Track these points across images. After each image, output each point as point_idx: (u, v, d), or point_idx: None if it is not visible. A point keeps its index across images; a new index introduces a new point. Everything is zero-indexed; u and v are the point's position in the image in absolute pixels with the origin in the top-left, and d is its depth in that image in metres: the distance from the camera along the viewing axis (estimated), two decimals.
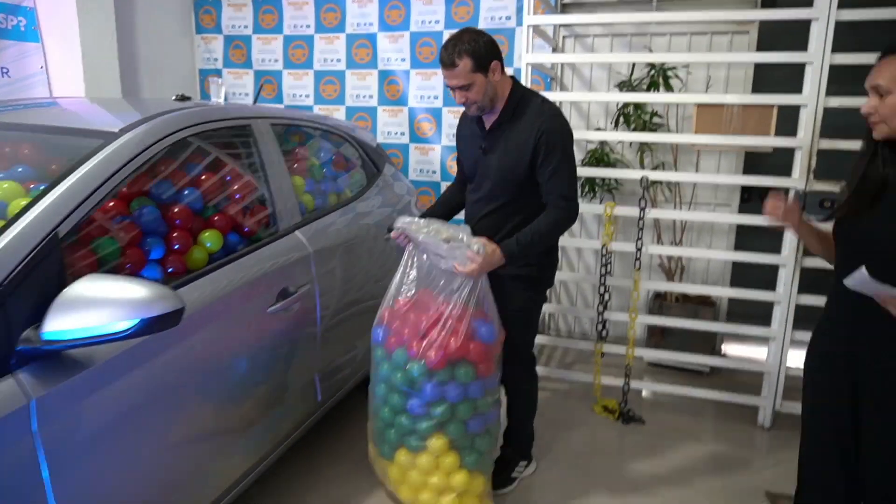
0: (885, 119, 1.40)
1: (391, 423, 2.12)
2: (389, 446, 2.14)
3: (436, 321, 2.01)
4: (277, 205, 2.14)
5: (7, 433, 1.18)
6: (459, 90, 2.02)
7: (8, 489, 1.19)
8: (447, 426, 2.05)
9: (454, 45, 1.97)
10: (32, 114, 2.02)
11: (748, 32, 3.40)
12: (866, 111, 1.44)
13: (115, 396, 1.42)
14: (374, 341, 2.18)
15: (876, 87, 1.41)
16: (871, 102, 1.43)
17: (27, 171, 1.62)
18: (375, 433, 2.22)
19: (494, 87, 2.04)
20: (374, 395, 2.19)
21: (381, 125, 4.05)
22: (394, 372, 2.06)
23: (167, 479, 1.61)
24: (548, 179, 2.05)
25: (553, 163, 2.03)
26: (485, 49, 1.98)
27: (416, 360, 2.00)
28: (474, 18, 3.73)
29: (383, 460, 2.20)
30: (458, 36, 1.99)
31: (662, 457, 2.70)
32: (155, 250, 1.66)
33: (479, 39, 1.98)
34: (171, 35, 4.15)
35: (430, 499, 2.11)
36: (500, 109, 2.09)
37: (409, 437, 2.08)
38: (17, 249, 1.27)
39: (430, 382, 2.00)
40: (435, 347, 1.97)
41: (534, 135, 2.02)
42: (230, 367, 1.81)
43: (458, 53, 1.96)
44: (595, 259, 3.97)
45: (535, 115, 2.05)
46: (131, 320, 1.26)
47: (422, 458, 2.08)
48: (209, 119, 1.96)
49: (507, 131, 2.09)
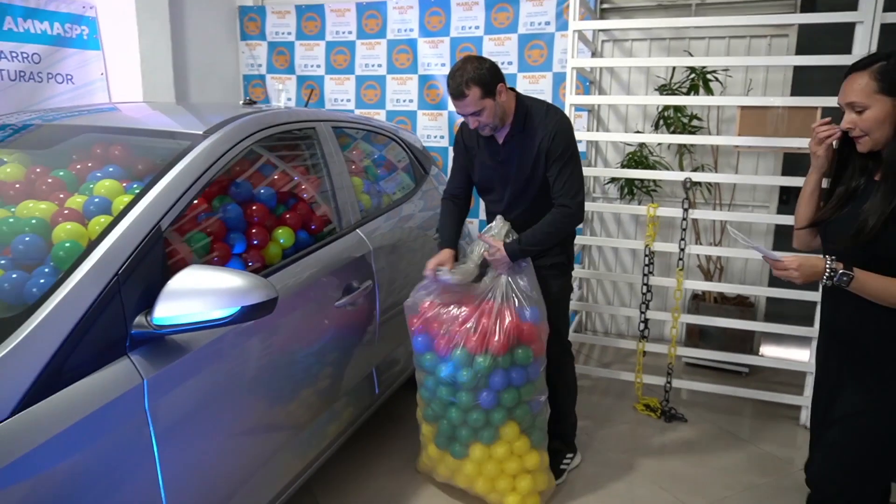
0: (866, 133, 1.49)
1: (463, 422, 2.18)
2: (462, 445, 2.21)
3: (481, 314, 2.12)
4: (340, 204, 2.23)
5: (125, 409, 1.28)
6: (472, 116, 2.14)
7: (125, 460, 1.29)
8: (515, 411, 2.16)
9: (460, 75, 2.08)
10: (110, 117, 2.14)
11: (787, 36, 3.44)
12: (846, 126, 1.52)
13: (208, 381, 1.52)
14: (419, 350, 2.25)
15: (850, 104, 1.49)
16: (849, 118, 1.51)
17: (118, 170, 1.73)
18: (440, 437, 2.27)
19: (503, 107, 2.17)
20: (433, 401, 2.25)
21: (420, 129, 4.15)
22: (458, 371, 2.12)
23: (247, 464, 1.70)
24: (555, 179, 2.19)
25: (559, 163, 2.17)
26: (489, 75, 2.09)
27: (480, 354, 2.08)
28: (514, 24, 3.81)
29: (454, 460, 2.25)
30: (462, 67, 2.09)
31: (705, 454, 2.74)
32: (238, 245, 1.76)
33: (482, 66, 2.09)
34: (218, 42, 4.29)
35: (507, 484, 2.20)
36: (510, 123, 2.21)
37: (483, 431, 2.16)
38: (128, 242, 1.38)
39: (498, 371, 2.09)
40: (493, 335, 2.07)
41: (543, 140, 2.17)
42: (302, 357, 1.90)
43: (466, 84, 2.07)
44: (631, 259, 4.02)
45: (543, 122, 2.19)
46: (231, 308, 1.36)
47: (497, 447, 2.17)
48: (280, 122, 2.06)
49: (520, 141, 2.22)
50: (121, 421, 1.28)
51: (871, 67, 1.46)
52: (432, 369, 2.21)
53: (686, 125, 3.41)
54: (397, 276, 2.49)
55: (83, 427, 1.19)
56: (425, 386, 2.28)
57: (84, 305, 1.25)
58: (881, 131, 1.47)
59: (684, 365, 3.63)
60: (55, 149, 1.89)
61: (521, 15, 3.79)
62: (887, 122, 1.45)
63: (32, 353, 1.16)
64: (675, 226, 3.67)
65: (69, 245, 1.38)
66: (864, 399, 1.57)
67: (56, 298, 1.23)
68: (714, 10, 3.58)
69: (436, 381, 2.21)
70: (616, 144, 3.85)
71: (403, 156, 3.03)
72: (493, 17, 3.86)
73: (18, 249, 1.40)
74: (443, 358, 2.17)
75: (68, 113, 2.10)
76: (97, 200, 1.53)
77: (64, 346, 1.20)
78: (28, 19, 3.02)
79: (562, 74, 3.68)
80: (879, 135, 1.47)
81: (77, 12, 3.24)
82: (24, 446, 1.09)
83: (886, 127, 1.46)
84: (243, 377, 1.65)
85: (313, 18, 4.28)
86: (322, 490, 2.39)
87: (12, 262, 1.39)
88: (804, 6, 3.48)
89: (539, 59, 3.79)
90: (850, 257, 1.53)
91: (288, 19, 4.34)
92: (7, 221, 1.49)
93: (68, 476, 1.17)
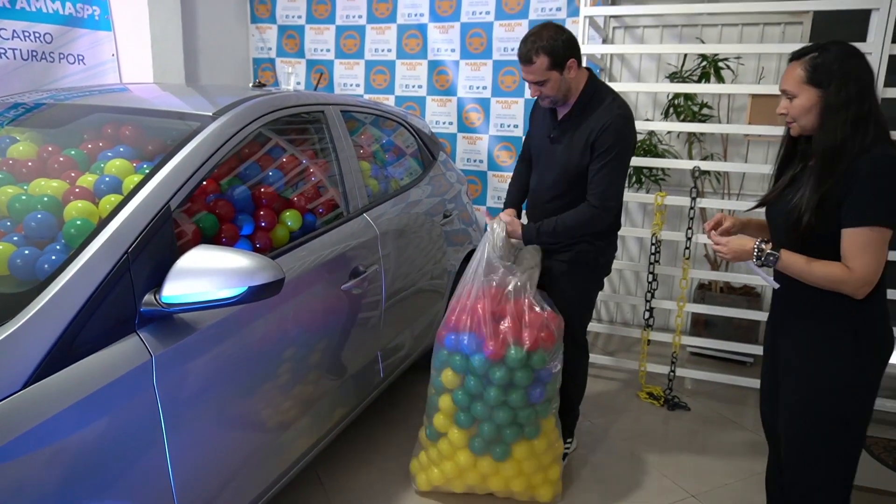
0: (795, 119, 1.57)
1: (512, 422, 2.10)
2: (505, 446, 2.13)
3: (520, 310, 2.09)
4: (348, 187, 2.24)
5: (135, 385, 1.31)
6: (534, 85, 2.06)
7: (134, 435, 1.32)
8: (553, 402, 2.17)
9: (533, 41, 1.99)
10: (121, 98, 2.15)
11: (801, 23, 3.40)
12: (779, 112, 1.61)
13: (214, 359, 1.54)
14: (466, 351, 2.10)
15: (784, 91, 1.58)
16: (782, 103, 1.60)
17: (128, 150, 1.74)
18: (478, 442, 2.15)
19: (569, 84, 2.08)
20: (473, 405, 2.13)
21: (429, 115, 4.14)
22: (512, 373, 2.05)
23: (252, 442, 1.73)
24: (593, 176, 2.09)
25: (603, 161, 2.06)
26: (563, 47, 2.00)
27: (536, 351, 2.05)
28: (525, 10, 3.79)
29: (494, 463, 2.16)
30: (539, 32, 2.01)
31: (708, 443, 2.76)
32: (246, 226, 1.78)
33: (558, 37, 1.99)
34: (228, 24, 4.29)
35: (540, 478, 2.21)
36: (572, 103, 2.13)
37: (529, 427, 2.13)
38: (138, 220, 1.40)
39: (548, 365, 2.09)
40: (541, 330, 2.07)
41: (596, 131, 2.06)
42: (308, 339, 1.92)
43: (536, 51, 1.98)
44: (637, 248, 4.02)
45: (603, 113, 2.07)
46: (239, 288, 1.37)
47: (540, 441, 2.16)
48: (289, 105, 2.07)
49: (575, 125, 2.13)
50: (129, 396, 1.30)
51: (804, 58, 1.54)
52: (482, 371, 2.07)
53: (696, 113, 3.39)
54: (403, 262, 2.50)
55: (93, 401, 1.22)
56: (464, 390, 2.13)
57: (94, 282, 1.27)
58: (807, 119, 1.54)
59: (689, 354, 3.64)
60: (67, 128, 1.91)
61: (532, 1, 3.76)
62: (813, 112, 1.52)
63: (44, 328, 1.19)
64: (682, 215, 3.66)
65: (80, 223, 1.40)
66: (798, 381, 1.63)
67: (67, 275, 1.25)
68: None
69: (482, 383, 2.09)
70: None
71: (412, 141, 3.03)
72: (504, 3, 3.84)
73: (30, 226, 1.43)
74: (495, 360, 2.05)
75: (80, 93, 2.11)
76: (108, 179, 1.55)
77: (75, 322, 1.22)
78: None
79: None
80: (805, 122, 1.55)
81: None
82: (36, 418, 1.12)
83: (812, 116, 1.53)
84: (249, 357, 1.67)
85: (323, 2, 4.26)
86: (326, 471, 2.42)
87: (24, 239, 1.41)
88: None
89: None
90: (784, 239, 1.60)
91: (298, 3, 4.32)
92: (20, 199, 1.51)
93: (78, 448, 1.19)
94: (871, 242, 1.45)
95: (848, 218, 1.47)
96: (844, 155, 1.47)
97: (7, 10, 2.91)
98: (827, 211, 1.50)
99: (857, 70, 1.49)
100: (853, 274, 1.46)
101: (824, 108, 1.50)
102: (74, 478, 1.19)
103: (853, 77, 1.48)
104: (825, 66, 1.50)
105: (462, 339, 2.10)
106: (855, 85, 1.48)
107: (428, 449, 2.27)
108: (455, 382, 2.15)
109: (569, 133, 2.15)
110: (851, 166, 1.46)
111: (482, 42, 3.91)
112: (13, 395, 1.11)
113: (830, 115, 1.49)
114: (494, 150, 4.01)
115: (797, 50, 1.58)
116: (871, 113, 1.48)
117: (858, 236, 1.45)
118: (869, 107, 1.48)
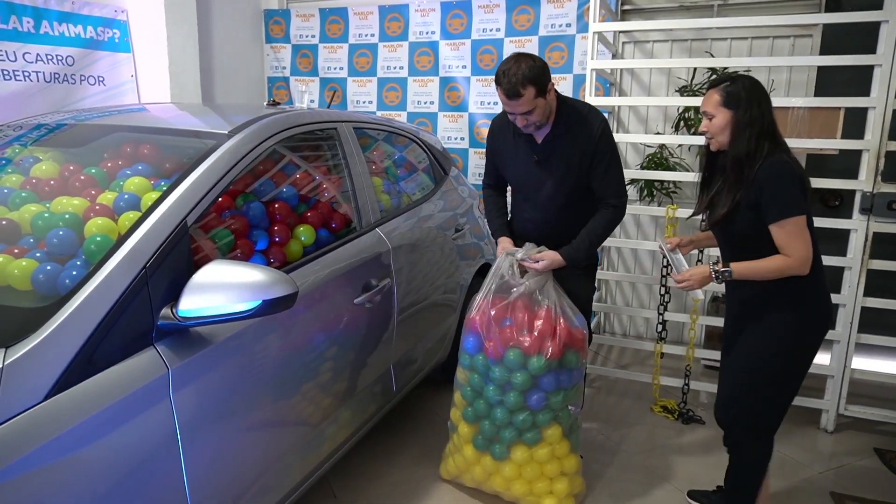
0: (714, 135, 1.91)
1: (508, 423, 2.19)
2: (504, 446, 2.22)
3: (533, 317, 2.16)
4: (360, 203, 2.28)
5: (152, 397, 1.34)
6: (521, 115, 2.09)
7: (150, 447, 1.34)
8: (560, 414, 2.19)
9: (514, 74, 2.00)
10: (139, 117, 2.21)
11: (811, 36, 3.40)
12: (701, 130, 1.96)
13: (229, 372, 1.57)
14: (470, 350, 2.25)
15: (704, 112, 1.93)
16: (704, 123, 1.93)
17: (147, 168, 1.79)
18: (480, 438, 2.27)
19: (550, 107, 2.16)
20: (476, 401, 2.26)
21: (441, 130, 4.19)
22: (511, 373, 2.15)
23: (266, 454, 1.75)
24: (601, 181, 2.20)
25: (605, 164, 2.19)
26: (542, 73, 2.06)
27: (534, 356, 2.12)
28: (535, 27, 3.83)
29: (492, 462, 2.25)
30: (516, 64, 2.03)
31: (723, 457, 2.71)
32: (260, 242, 1.81)
33: (535, 65, 2.04)
34: (243, 45, 4.38)
35: (545, 487, 2.22)
36: (551, 123, 2.19)
37: (528, 432, 2.18)
38: (156, 236, 1.43)
39: (550, 374, 2.13)
40: (548, 338, 2.12)
41: (591, 141, 2.16)
42: (321, 353, 1.94)
43: (522, 84, 2.00)
44: (650, 261, 4.01)
45: (588, 123, 2.18)
46: (253, 301, 1.40)
47: (540, 449, 2.19)
48: (302, 122, 2.11)
49: (562, 142, 2.20)
50: (146, 409, 1.33)
51: (720, 86, 1.89)
52: (483, 369, 2.21)
53: None
54: (416, 276, 2.53)
55: (111, 413, 1.25)
56: (470, 385, 2.27)
57: (113, 297, 1.31)
58: (723, 135, 1.89)
59: (703, 367, 3.61)
60: (88, 147, 1.96)
61: (542, 17, 3.81)
62: (727, 129, 1.87)
63: (65, 342, 1.22)
64: (694, 227, 3.65)
65: (100, 239, 1.44)
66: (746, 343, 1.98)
67: (87, 290, 1.29)
68: (737, 11, 3.56)
69: (483, 380, 2.22)
70: (636, 146, 3.85)
71: (423, 157, 3.07)
72: (514, 20, 3.89)
73: (52, 243, 1.47)
74: (495, 359, 2.18)
75: (100, 113, 2.18)
76: (127, 197, 1.59)
77: (94, 336, 1.26)
78: (63, 23, 3.13)
79: (582, 76, 3.69)
80: (722, 138, 1.89)
81: (109, 16, 3.34)
82: (56, 429, 1.15)
83: (727, 133, 1.87)
84: (264, 369, 1.69)
85: (337, 21, 4.35)
86: (339, 484, 2.43)
87: (47, 255, 1.46)
88: (829, 6, 3.45)
89: (560, 61, 3.80)
90: (721, 240, 2.00)
91: (312, 22, 4.41)
92: (42, 216, 1.56)
93: (96, 459, 1.22)
94: (794, 230, 1.78)
95: (769, 217, 1.80)
96: (750, 164, 1.82)
97: (31, 35, 3.01)
98: (745, 214, 1.84)
99: (759, 97, 1.84)
100: (793, 259, 1.79)
101: (735, 126, 1.85)
102: (92, 489, 1.21)
103: (756, 101, 1.83)
104: (736, 92, 1.85)
105: (468, 338, 2.26)
106: (758, 108, 1.83)
107: (452, 439, 2.43)
108: (463, 379, 2.31)
109: (557, 151, 2.21)
110: (756, 174, 1.80)
111: (493, 58, 3.96)
112: (35, 407, 1.14)
113: (740, 132, 1.84)
114: None
115: (714, 79, 1.99)
116: (768, 131, 1.83)
117: (783, 229, 1.79)
118: (767, 125, 1.83)
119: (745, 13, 3.52)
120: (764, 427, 1.99)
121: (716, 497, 2.32)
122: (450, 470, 2.42)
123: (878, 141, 2.62)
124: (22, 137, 1.99)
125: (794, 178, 1.80)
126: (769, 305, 1.90)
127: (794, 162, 1.84)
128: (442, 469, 2.47)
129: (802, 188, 1.82)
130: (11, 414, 1.11)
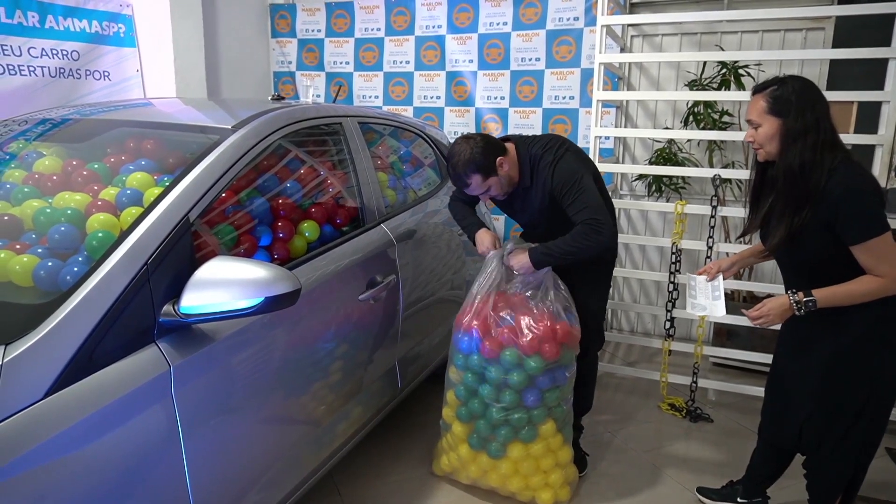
0: (761, 145, 1.74)
1: (504, 422, 2.19)
2: (500, 444, 2.21)
3: (531, 317, 2.14)
4: (365, 198, 2.26)
5: (153, 394, 1.32)
6: (482, 194, 2.19)
7: (152, 444, 1.33)
8: (555, 409, 2.19)
9: (455, 167, 2.10)
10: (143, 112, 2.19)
11: (824, 29, 3.35)
12: (747, 140, 1.78)
13: (232, 369, 1.56)
14: (465, 350, 2.23)
15: (749, 121, 1.75)
16: (749, 132, 1.77)
17: (149, 163, 1.78)
18: (475, 437, 2.27)
19: (508, 174, 2.18)
20: (470, 401, 2.25)
21: (447, 125, 4.16)
22: (508, 373, 2.14)
23: (270, 452, 1.74)
24: (572, 211, 2.13)
25: (570, 197, 2.12)
26: (483, 157, 2.08)
27: (532, 356, 2.11)
28: (542, 20, 3.79)
29: (489, 460, 2.25)
30: (457, 156, 2.10)
31: (731, 455, 2.70)
32: (264, 237, 1.79)
33: (474, 151, 2.07)
34: (249, 39, 4.36)
35: (540, 480, 2.22)
36: (517, 181, 2.23)
37: (524, 430, 2.18)
38: (158, 232, 1.42)
39: (546, 372, 2.12)
40: (546, 338, 2.10)
41: (548, 188, 2.17)
42: (326, 349, 1.93)
43: (466, 174, 2.10)
44: (657, 257, 3.97)
45: (545, 171, 2.16)
46: (256, 298, 1.39)
47: (536, 445, 2.19)
48: (307, 117, 2.09)
49: (530, 190, 2.24)
50: (148, 406, 1.32)
51: (766, 91, 1.71)
52: (479, 369, 2.20)
53: (717, 121, 3.36)
54: (421, 272, 2.51)
55: (112, 410, 1.24)
56: (464, 384, 2.25)
57: (115, 293, 1.29)
58: (771, 145, 1.72)
59: (711, 364, 3.58)
60: (91, 142, 1.95)
61: (550, 10, 3.77)
62: (775, 139, 1.70)
63: (65, 338, 1.21)
64: (703, 223, 3.61)
65: (102, 235, 1.43)
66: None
67: (88, 286, 1.27)
68: (747, 3, 3.51)
69: (477, 380, 2.21)
70: (644, 141, 3.81)
71: (429, 152, 3.05)
72: (522, 13, 3.85)
73: (54, 238, 1.46)
74: (491, 359, 2.17)
75: (104, 108, 2.16)
76: (129, 192, 1.58)
77: (95, 332, 1.25)
78: (68, 17, 3.12)
79: (590, 70, 3.65)
80: (770, 148, 1.72)
81: (114, 10, 3.33)
82: (56, 427, 1.14)
83: (775, 142, 1.70)
84: (267, 367, 1.68)
85: (343, 16, 4.32)
86: (343, 481, 2.42)
87: (48, 251, 1.45)
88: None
89: (567, 55, 3.76)
90: (786, 264, 1.83)
91: (318, 16, 4.39)
92: (44, 212, 1.55)
93: (98, 457, 1.21)
94: (882, 249, 1.61)
95: (850, 239, 1.63)
96: (807, 176, 1.64)
97: (37, 30, 3.00)
98: (816, 236, 1.67)
99: (813, 101, 1.66)
100: (887, 279, 1.61)
101: (785, 135, 1.67)
102: (93, 487, 1.20)
103: (809, 106, 1.65)
104: (784, 97, 1.67)
105: (463, 338, 2.23)
106: (812, 114, 1.64)
107: (444, 437, 2.41)
108: (456, 379, 2.28)
109: (528, 200, 2.26)
110: (824, 189, 1.62)
111: (500, 52, 3.92)
112: (35, 405, 1.13)
113: (791, 141, 1.66)
114: None
115: (759, 84, 1.77)
116: (827, 139, 1.64)
117: (869, 250, 1.61)
118: (825, 132, 1.64)
119: (755, 6, 3.46)
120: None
121: (726, 491, 2.29)
122: (443, 467, 2.41)
123: (891, 136, 2.58)
124: (26, 132, 1.98)
125: (871, 192, 1.62)
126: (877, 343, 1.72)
127: (866, 171, 1.67)
128: (435, 466, 2.46)
129: (881, 201, 1.64)
130: (12, 411, 1.10)
